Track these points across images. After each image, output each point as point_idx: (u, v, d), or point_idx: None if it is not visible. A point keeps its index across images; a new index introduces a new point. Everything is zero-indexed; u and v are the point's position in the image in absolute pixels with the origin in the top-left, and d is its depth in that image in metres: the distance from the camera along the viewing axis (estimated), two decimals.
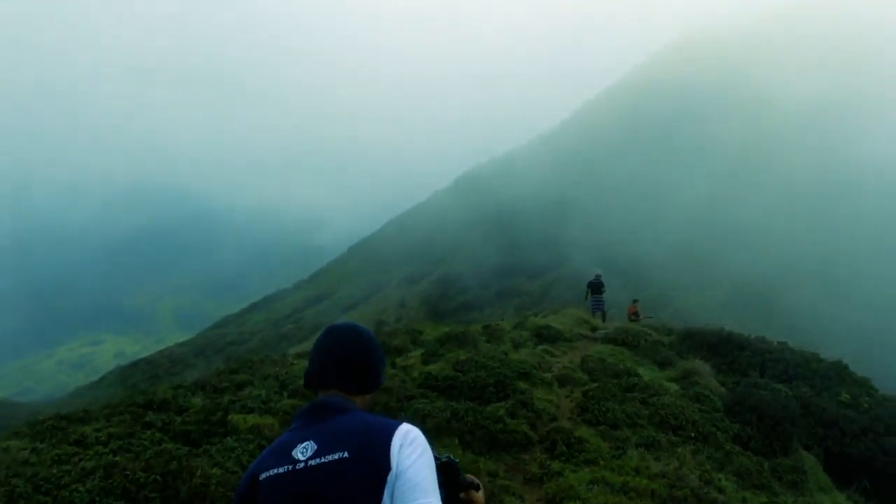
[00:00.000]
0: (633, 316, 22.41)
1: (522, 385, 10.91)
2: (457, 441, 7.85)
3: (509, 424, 8.84)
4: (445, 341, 13.35)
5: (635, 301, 23.32)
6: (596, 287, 21.57)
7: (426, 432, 2.05)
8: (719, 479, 9.36)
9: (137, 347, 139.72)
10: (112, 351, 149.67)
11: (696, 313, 39.10)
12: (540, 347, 14.62)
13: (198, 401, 10.20)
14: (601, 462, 8.03)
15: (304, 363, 12.97)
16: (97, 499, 4.66)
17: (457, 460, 2.20)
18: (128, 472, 4.83)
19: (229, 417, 6.82)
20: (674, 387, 13.22)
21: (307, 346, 43.74)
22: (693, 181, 71.43)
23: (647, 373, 13.85)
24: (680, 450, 9.99)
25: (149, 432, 6.11)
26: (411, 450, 1.96)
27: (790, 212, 62.47)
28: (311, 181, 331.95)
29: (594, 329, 17.91)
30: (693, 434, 10.64)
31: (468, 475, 2.22)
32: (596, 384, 12.01)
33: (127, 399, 8.96)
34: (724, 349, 16.72)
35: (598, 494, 6.60)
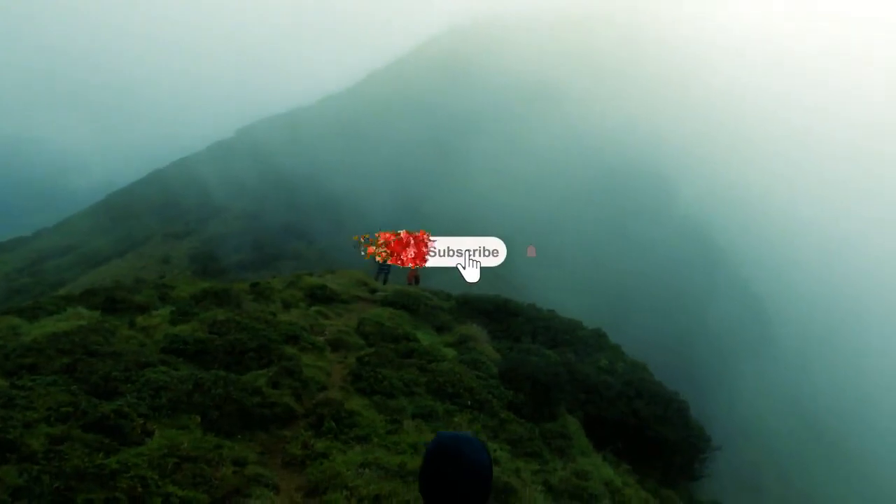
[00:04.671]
0: (413, 280, 21.95)
1: (290, 350, 9.54)
2: (199, 419, 6.27)
3: (270, 396, 7.46)
4: (202, 299, 11.46)
5: None
6: None
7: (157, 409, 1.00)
8: (494, 450, 8.95)
9: None
10: None
11: (469, 284, 40.42)
12: (313, 308, 13.31)
13: None
14: (375, 439, 6.99)
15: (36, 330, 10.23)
16: None
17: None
18: None
19: None
20: (451, 352, 12.77)
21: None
22: (468, 149, 75.52)
23: (425, 337, 13.24)
24: (456, 419, 9.49)
25: None
26: None
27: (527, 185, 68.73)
28: (69, 117, 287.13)
29: (373, 291, 17.00)
30: (469, 402, 10.20)
31: None
32: (372, 349, 11.06)
33: None
34: (499, 315, 16.81)
35: (370, 481, 5.50)
